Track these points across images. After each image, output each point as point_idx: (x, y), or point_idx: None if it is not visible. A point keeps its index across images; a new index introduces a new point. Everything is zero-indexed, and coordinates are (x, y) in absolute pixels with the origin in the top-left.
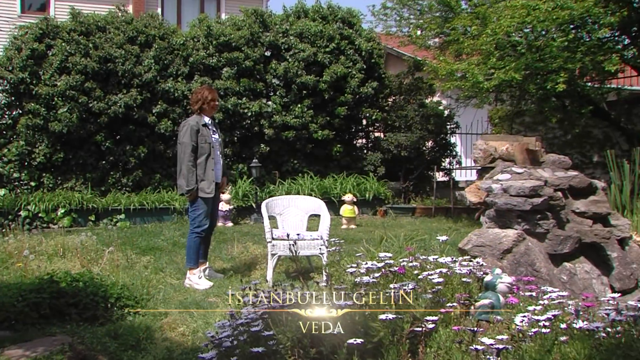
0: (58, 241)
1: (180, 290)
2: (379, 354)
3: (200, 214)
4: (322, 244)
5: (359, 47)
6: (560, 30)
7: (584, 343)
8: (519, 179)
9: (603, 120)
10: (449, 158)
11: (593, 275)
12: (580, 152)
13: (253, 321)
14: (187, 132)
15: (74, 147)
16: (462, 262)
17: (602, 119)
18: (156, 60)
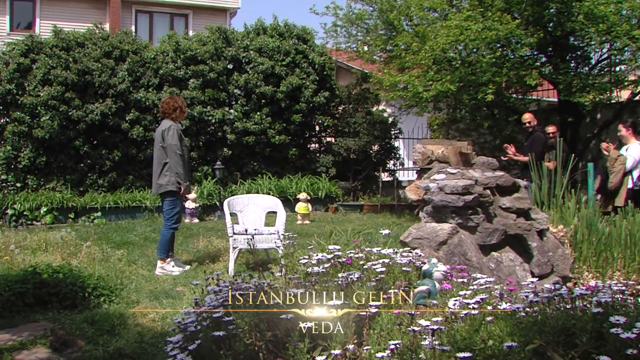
0: (41, 237)
1: (151, 281)
2: (327, 336)
3: (178, 211)
4: (278, 238)
5: (312, 61)
6: (489, 48)
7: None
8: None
9: None
10: (393, 160)
11: (516, 263)
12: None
13: (215, 308)
14: (174, 135)
15: (55, 151)
16: (403, 253)
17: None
18: (129, 72)
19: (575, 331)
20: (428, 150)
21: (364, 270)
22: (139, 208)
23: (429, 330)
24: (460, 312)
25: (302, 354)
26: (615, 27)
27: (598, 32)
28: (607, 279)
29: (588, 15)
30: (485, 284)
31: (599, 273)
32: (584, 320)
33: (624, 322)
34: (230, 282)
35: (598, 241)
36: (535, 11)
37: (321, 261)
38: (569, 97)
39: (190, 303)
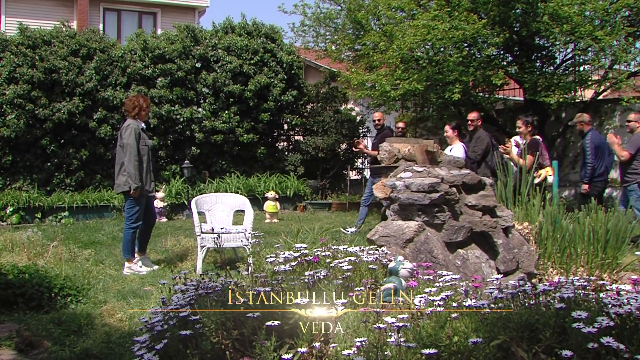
0: (7, 237)
1: (118, 280)
2: (294, 334)
3: (137, 211)
4: (246, 237)
5: (280, 60)
6: (456, 47)
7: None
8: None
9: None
10: (361, 159)
11: (482, 260)
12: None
13: (182, 307)
14: (131, 134)
15: (22, 150)
16: (370, 251)
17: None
18: (97, 71)
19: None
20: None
21: (331, 269)
22: (107, 207)
23: (394, 327)
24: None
25: (268, 352)
26: (579, 28)
27: (562, 32)
28: (571, 274)
29: (553, 16)
30: (451, 281)
31: (563, 269)
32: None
33: (586, 317)
34: (198, 281)
35: (562, 238)
36: (501, 11)
37: (288, 259)
38: (534, 96)
39: (157, 302)
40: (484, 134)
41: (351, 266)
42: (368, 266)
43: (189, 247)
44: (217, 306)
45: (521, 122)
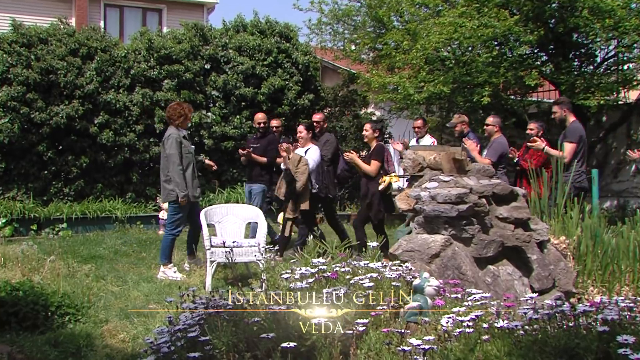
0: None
1: (121, 297)
2: (312, 356)
3: (179, 217)
4: (259, 251)
5: (296, 61)
6: (485, 46)
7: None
8: (445, 187)
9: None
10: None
11: (515, 277)
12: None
13: (190, 327)
14: (173, 144)
15: (16, 157)
16: (392, 267)
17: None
18: (98, 72)
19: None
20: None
21: (351, 286)
22: (109, 219)
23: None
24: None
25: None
26: (623, 22)
27: (604, 27)
28: (614, 294)
29: (593, 10)
30: (480, 300)
31: (605, 288)
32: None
33: (634, 342)
34: (207, 298)
35: (604, 253)
36: (535, 6)
37: (305, 276)
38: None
39: (163, 322)
40: (333, 137)
41: (373, 283)
42: (391, 283)
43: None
44: (228, 326)
45: (368, 125)
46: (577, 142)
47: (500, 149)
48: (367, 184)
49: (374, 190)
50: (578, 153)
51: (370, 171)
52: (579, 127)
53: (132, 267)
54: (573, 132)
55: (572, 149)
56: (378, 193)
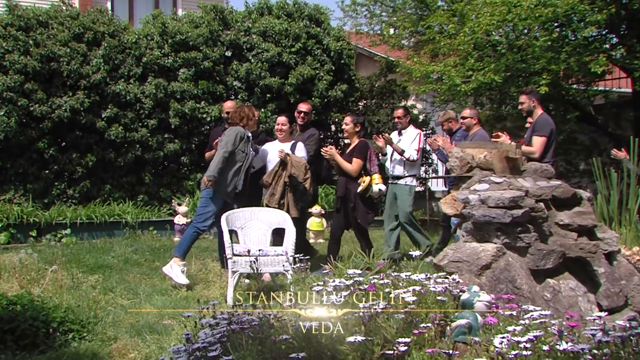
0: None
1: (132, 313)
2: None
3: (208, 211)
4: (287, 261)
5: (327, 47)
6: (544, 28)
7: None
8: (497, 189)
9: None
10: (424, 166)
11: (579, 293)
12: (565, 160)
13: (211, 345)
14: (232, 134)
15: (13, 154)
16: (437, 279)
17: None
18: (106, 59)
19: None
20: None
21: (391, 300)
22: (118, 224)
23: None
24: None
25: None
26: None
27: None
28: None
29: None
30: (539, 318)
31: None
32: None
33: None
34: (230, 313)
35: None
36: None
37: (339, 288)
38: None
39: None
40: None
41: (415, 297)
42: (436, 297)
43: (217, 272)
44: (254, 344)
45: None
46: (548, 136)
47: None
48: (347, 185)
49: (356, 192)
50: (549, 148)
51: (351, 170)
52: (549, 120)
53: (144, 278)
54: (543, 125)
55: (542, 143)
56: (360, 194)
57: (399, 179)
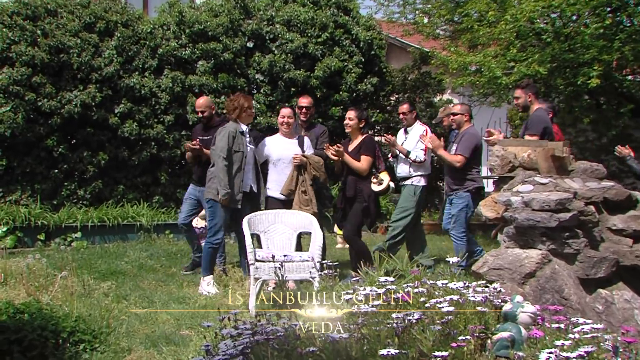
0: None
1: (147, 322)
2: None
3: (216, 223)
4: (314, 267)
5: (356, 37)
6: (595, 14)
7: None
8: (543, 191)
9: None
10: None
11: (635, 305)
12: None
13: (232, 357)
14: (224, 137)
15: (20, 152)
16: (477, 288)
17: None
18: (119, 51)
19: None
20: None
21: (426, 310)
22: (132, 227)
23: None
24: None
25: None
26: None
27: None
28: None
29: None
30: (590, 332)
31: None
32: None
33: None
34: (252, 323)
35: None
36: None
37: (370, 297)
38: None
39: (199, 351)
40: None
41: (453, 307)
42: (475, 308)
43: (237, 278)
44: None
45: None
46: (541, 134)
47: (474, 141)
48: (357, 184)
49: (369, 191)
50: None
51: (362, 169)
52: (544, 117)
53: (160, 284)
54: (536, 123)
55: None
56: (373, 194)
57: (405, 179)
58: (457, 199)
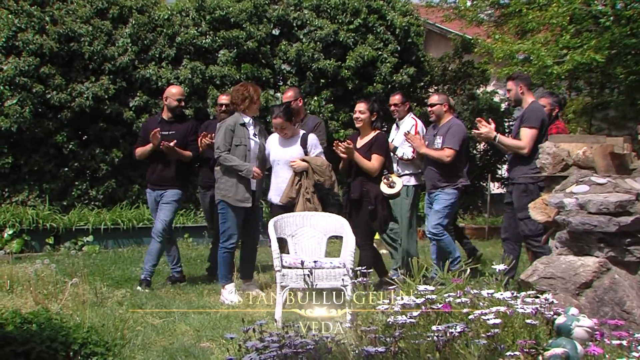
0: (4, 271)
1: (164, 333)
2: None
3: (228, 227)
4: (346, 274)
5: (391, 23)
6: None
7: None
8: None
9: None
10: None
11: None
12: None
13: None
14: (220, 134)
15: (27, 149)
16: (526, 299)
17: None
18: (133, 39)
19: None
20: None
21: (470, 322)
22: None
23: None
24: None
25: None
26: None
27: None
28: None
29: None
30: None
31: None
32: None
33: None
34: (279, 335)
35: None
36: None
37: (408, 307)
38: None
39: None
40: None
41: (500, 320)
42: (524, 321)
43: (262, 285)
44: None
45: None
46: (539, 127)
47: (461, 132)
48: (364, 185)
49: (377, 193)
50: (540, 142)
51: (373, 169)
52: (540, 109)
53: (178, 293)
54: (533, 115)
55: (532, 136)
56: (381, 195)
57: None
58: (444, 195)
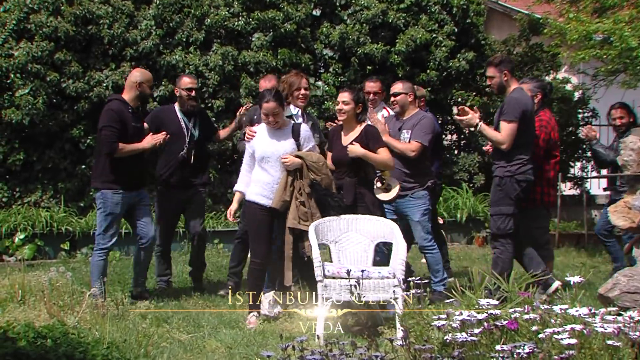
0: (15, 280)
1: (192, 350)
2: None
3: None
4: (397, 285)
5: (447, 2)
6: None
7: None
8: None
9: None
10: (580, 162)
11: None
12: None
13: None
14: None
15: (40, 145)
16: (606, 316)
17: None
18: (158, 21)
19: None
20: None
21: (540, 342)
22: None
23: None
24: None
25: None
26: None
27: None
28: None
29: None
30: None
31: None
32: None
33: None
34: (322, 353)
35: None
36: None
37: (468, 324)
38: None
39: None
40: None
41: (575, 340)
42: (605, 342)
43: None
44: None
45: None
46: (518, 120)
47: (431, 126)
48: (357, 188)
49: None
50: (521, 136)
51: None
52: (522, 98)
53: (207, 305)
54: (512, 107)
55: (511, 130)
56: (377, 200)
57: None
58: (415, 201)
